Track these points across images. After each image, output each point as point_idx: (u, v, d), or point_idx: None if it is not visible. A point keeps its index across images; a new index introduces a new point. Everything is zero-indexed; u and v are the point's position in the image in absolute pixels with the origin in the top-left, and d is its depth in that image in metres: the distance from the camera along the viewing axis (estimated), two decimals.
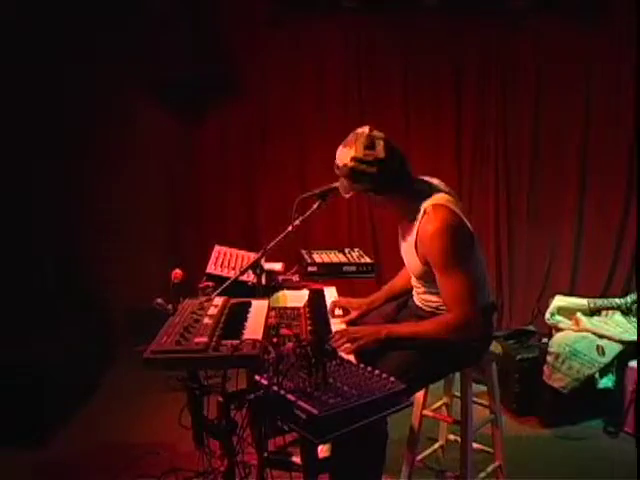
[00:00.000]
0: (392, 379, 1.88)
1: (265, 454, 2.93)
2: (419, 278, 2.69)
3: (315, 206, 2.76)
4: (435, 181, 2.70)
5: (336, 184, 2.70)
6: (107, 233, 5.21)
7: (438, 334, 2.46)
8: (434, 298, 2.67)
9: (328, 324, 2.74)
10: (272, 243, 2.75)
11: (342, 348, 2.39)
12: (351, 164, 2.49)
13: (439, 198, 2.54)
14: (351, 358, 2.26)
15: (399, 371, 2.23)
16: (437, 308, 2.67)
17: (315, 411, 1.67)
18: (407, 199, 2.58)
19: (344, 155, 2.53)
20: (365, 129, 2.55)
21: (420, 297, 2.78)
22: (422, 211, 2.51)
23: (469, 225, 2.53)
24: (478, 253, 2.62)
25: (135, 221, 5.24)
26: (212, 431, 2.36)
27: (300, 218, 2.74)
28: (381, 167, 2.47)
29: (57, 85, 4.90)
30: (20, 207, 4.75)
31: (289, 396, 1.77)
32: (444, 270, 2.45)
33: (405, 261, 2.78)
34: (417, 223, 2.53)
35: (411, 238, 2.58)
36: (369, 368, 1.97)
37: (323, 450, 2.98)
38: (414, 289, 2.83)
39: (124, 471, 3.38)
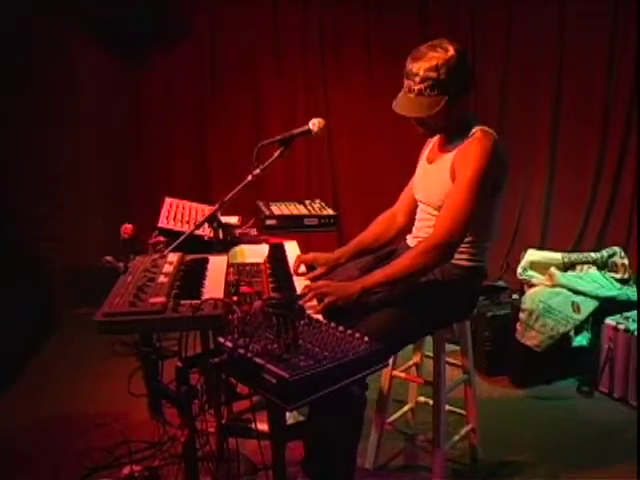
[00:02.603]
0: (366, 339, 1.86)
1: (223, 421, 2.94)
2: (441, 205, 2.62)
3: (277, 154, 2.71)
4: None
5: (302, 129, 2.69)
6: (46, 186, 5.08)
7: (415, 264, 2.44)
8: None
9: (291, 281, 2.72)
10: (230, 194, 2.70)
11: (309, 305, 2.34)
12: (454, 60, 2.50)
13: (488, 128, 2.62)
14: (320, 317, 2.24)
15: (378, 332, 2.23)
16: None
17: (285, 375, 1.64)
18: (464, 113, 2.66)
19: (435, 58, 2.51)
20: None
21: (427, 231, 2.73)
22: (472, 132, 2.58)
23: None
24: (501, 205, 2.68)
25: (76, 172, 5.14)
26: (170, 398, 2.34)
27: (261, 167, 2.69)
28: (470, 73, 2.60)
29: None
30: None
31: (257, 359, 1.74)
32: (463, 183, 2.47)
33: (424, 188, 2.79)
34: (462, 141, 2.58)
35: (449, 155, 2.62)
36: (341, 327, 1.94)
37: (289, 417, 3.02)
38: (421, 224, 2.83)
39: (70, 445, 3.33)
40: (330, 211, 3.61)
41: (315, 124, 2.71)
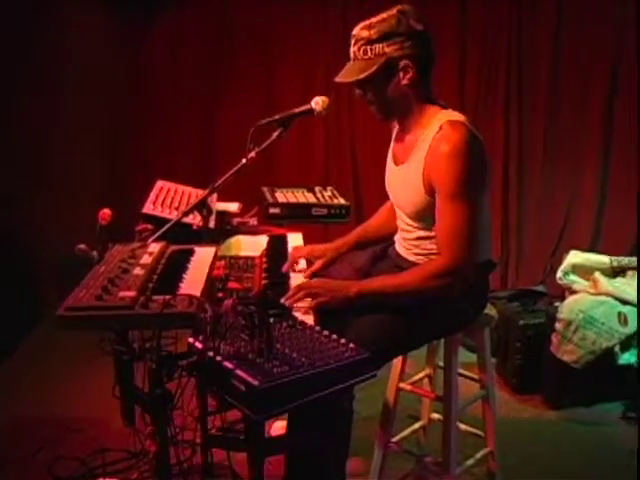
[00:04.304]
0: (352, 346, 1.88)
1: (213, 431, 2.95)
2: (414, 216, 2.62)
3: (275, 135, 2.73)
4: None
5: (303, 108, 2.70)
6: (31, 165, 5.05)
7: (421, 284, 2.43)
8: (428, 244, 2.62)
9: (287, 277, 2.74)
10: (222, 179, 2.73)
11: (298, 305, 2.37)
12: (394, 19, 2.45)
13: (456, 115, 2.51)
14: (309, 319, 2.26)
15: (367, 338, 2.24)
16: (428, 256, 2.63)
17: (255, 382, 1.66)
18: (424, 99, 2.55)
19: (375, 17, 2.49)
20: None
21: (409, 243, 2.72)
22: (436, 125, 2.46)
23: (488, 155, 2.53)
24: (488, 194, 2.60)
25: (65, 151, 5.17)
26: (142, 404, 2.37)
27: (256, 149, 2.71)
28: (420, 36, 2.47)
29: None
30: None
31: (226, 363, 1.77)
32: (450, 197, 2.40)
33: (395, 193, 2.74)
34: (427, 139, 2.48)
35: (417, 157, 2.53)
36: (325, 332, 1.97)
37: (279, 427, 3.04)
38: (401, 233, 2.79)
39: (41, 452, 3.36)
40: (342, 200, 3.61)
41: (318, 103, 2.72)
